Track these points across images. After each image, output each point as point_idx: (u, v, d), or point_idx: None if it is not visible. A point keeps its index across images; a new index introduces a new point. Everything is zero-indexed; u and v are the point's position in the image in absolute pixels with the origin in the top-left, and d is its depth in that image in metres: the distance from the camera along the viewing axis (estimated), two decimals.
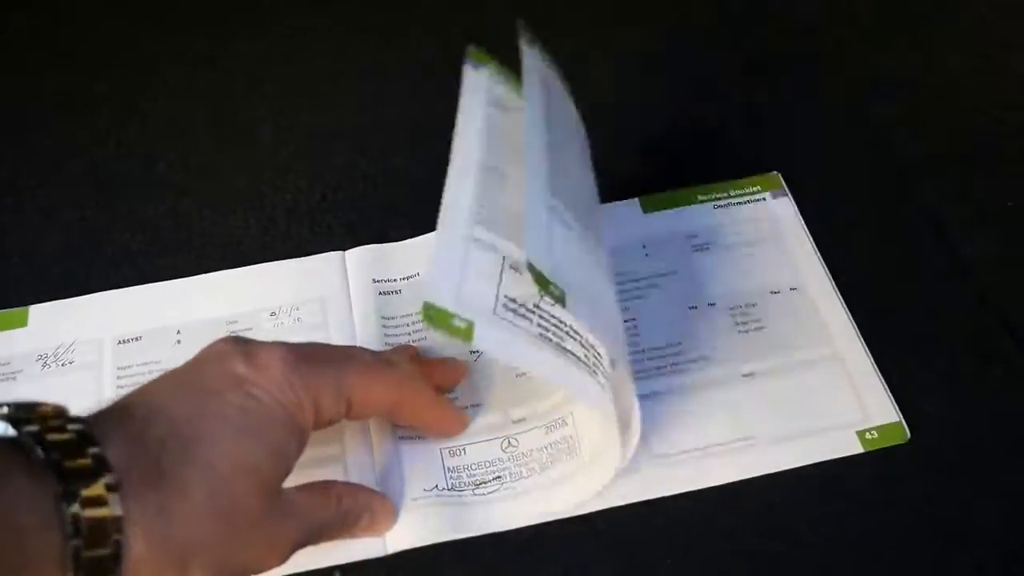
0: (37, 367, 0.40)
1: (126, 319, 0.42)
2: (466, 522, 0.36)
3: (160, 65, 0.53)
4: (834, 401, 0.39)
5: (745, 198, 0.46)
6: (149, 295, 0.43)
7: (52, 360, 0.41)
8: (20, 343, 0.41)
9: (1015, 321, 0.41)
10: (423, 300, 0.28)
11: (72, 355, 0.41)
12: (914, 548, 0.35)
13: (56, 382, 0.40)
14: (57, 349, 0.41)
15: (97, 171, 0.48)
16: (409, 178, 0.47)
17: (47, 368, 0.40)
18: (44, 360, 0.41)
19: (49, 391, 0.39)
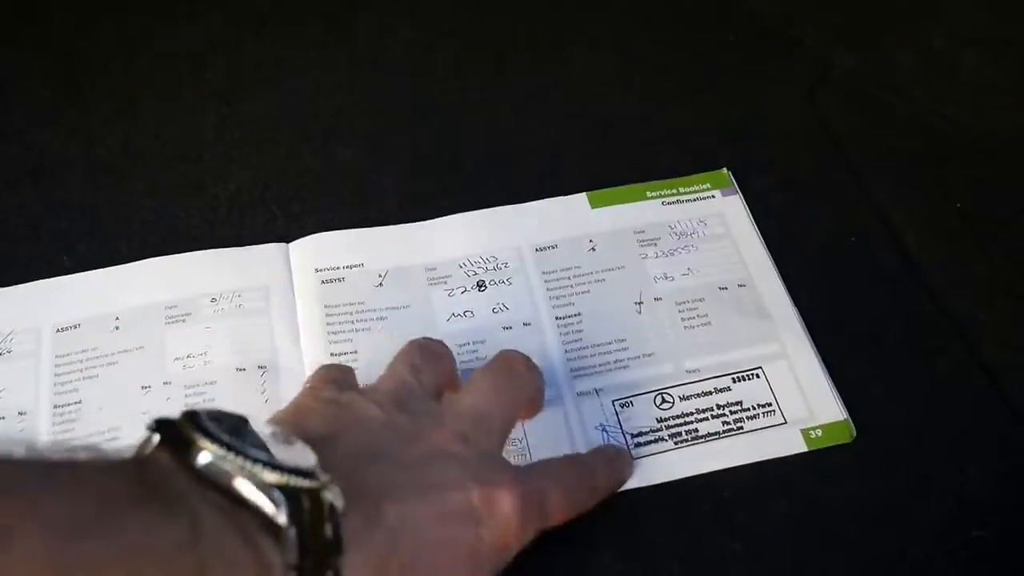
0: None
1: (64, 307, 0.41)
2: None
3: (102, 48, 0.52)
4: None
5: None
6: (88, 282, 0.42)
7: None
8: None
9: (961, 318, 0.41)
10: None
11: (10, 344, 0.40)
12: (856, 546, 0.35)
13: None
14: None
15: (35, 156, 0.47)
16: (353, 169, 0.47)
17: None
18: None
19: None
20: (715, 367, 0.39)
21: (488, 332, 0.40)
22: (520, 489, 0.30)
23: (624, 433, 0.37)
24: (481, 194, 0.45)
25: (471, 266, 0.42)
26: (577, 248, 0.43)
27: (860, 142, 0.48)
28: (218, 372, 0.39)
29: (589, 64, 0.52)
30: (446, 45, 0.53)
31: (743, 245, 0.43)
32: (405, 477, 0.29)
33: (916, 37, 0.53)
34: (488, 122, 0.49)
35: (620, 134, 0.48)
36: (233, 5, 0.54)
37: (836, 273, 0.43)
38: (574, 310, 0.41)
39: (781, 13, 0.54)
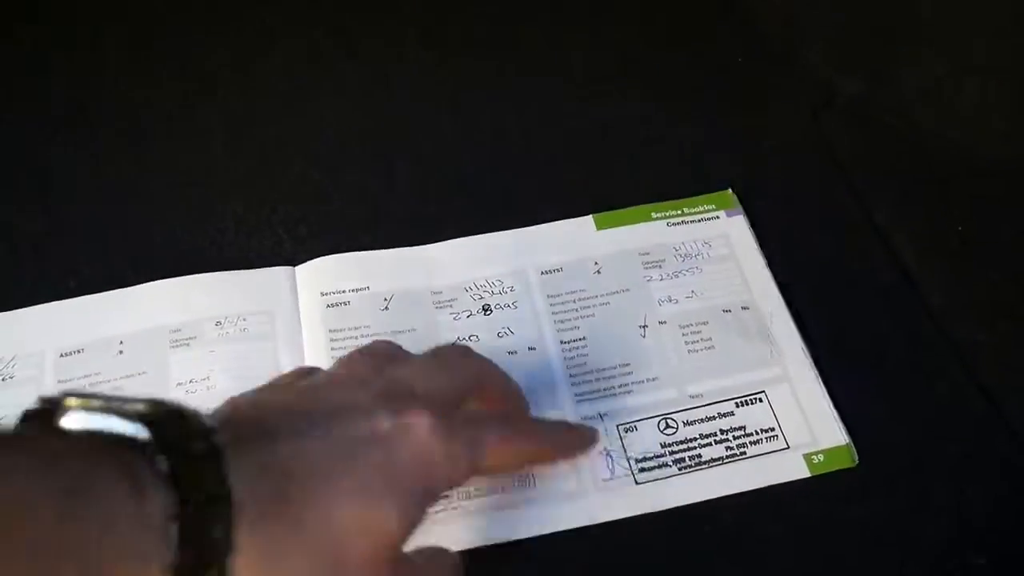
0: None
1: (68, 331, 0.40)
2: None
3: (110, 68, 0.52)
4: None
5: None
6: (92, 305, 0.41)
7: None
8: None
9: (961, 340, 0.41)
10: None
11: (13, 369, 0.39)
12: (859, 571, 0.35)
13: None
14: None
15: (44, 176, 0.47)
16: (362, 191, 0.46)
17: None
18: None
19: None
20: (718, 392, 0.39)
21: (493, 356, 0.39)
22: (436, 412, 0.29)
23: (628, 458, 0.37)
24: (488, 216, 0.44)
25: (477, 290, 0.42)
26: (582, 270, 0.43)
27: (863, 164, 0.48)
28: (220, 398, 0.37)
29: (595, 85, 0.52)
30: (454, 66, 0.52)
31: (747, 266, 0.43)
32: (307, 418, 0.28)
33: (919, 62, 0.53)
34: (495, 143, 0.49)
35: (627, 155, 0.48)
36: (242, 26, 0.54)
37: (838, 294, 0.43)
38: (579, 334, 0.41)
39: (787, 36, 0.54)
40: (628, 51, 0.54)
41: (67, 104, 0.50)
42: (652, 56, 0.53)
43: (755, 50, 0.54)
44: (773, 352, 0.40)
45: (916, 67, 0.52)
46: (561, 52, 0.53)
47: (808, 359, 0.40)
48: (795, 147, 0.49)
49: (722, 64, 0.53)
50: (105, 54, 0.52)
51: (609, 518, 0.36)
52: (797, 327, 0.41)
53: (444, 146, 0.48)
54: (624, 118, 0.50)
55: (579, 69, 0.52)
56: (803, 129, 0.50)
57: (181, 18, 0.54)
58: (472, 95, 0.51)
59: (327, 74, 0.52)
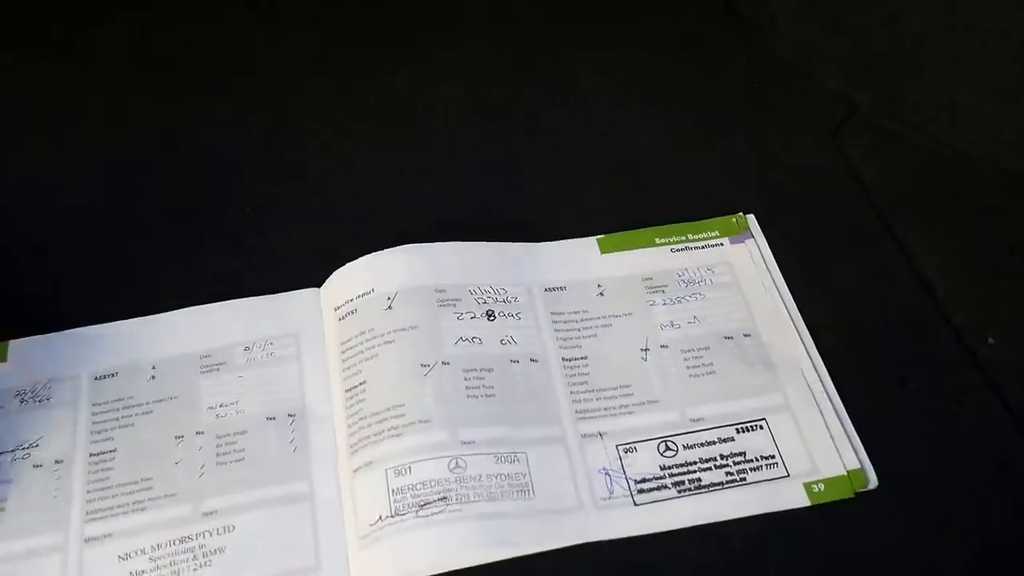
0: (15, 403, 0.41)
1: (103, 355, 0.42)
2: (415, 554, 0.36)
3: (145, 99, 0.54)
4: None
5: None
6: (126, 331, 0.43)
7: (30, 397, 0.41)
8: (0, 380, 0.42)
9: (987, 360, 0.41)
10: None
11: (49, 391, 0.41)
12: None
13: (32, 418, 0.40)
14: (35, 386, 0.41)
15: (83, 206, 0.49)
16: (392, 218, 0.47)
17: (24, 405, 0.41)
18: (22, 396, 0.41)
19: (24, 428, 0.40)
20: (719, 417, 0.40)
21: (496, 361, 0.41)
22: None
23: (627, 479, 0.38)
24: (499, 229, 0.45)
25: (480, 293, 0.43)
26: (585, 292, 0.44)
27: (884, 183, 0.48)
28: (249, 421, 0.40)
29: (614, 106, 0.52)
30: (477, 95, 0.54)
31: (750, 295, 0.43)
32: None
33: (939, 81, 0.52)
34: (517, 168, 0.50)
35: (642, 176, 0.49)
36: (274, 58, 0.56)
37: (860, 314, 0.43)
38: (581, 352, 0.42)
39: (805, 55, 0.54)
40: (645, 74, 0.54)
41: (101, 135, 0.52)
42: (668, 78, 0.54)
43: (773, 71, 0.54)
44: (774, 380, 0.40)
45: (935, 84, 0.52)
46: (576, 74, 0.54)
47: (810, 388, 0.40)
48: (814, 167, 0.49)
49: (739, 86, 0.53)
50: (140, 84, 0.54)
51: (606, 537, 0.37)
52: (808, 354, 0.41)
53: (471, 168, 0.50)
54: (640, 139, 0.50)
55: (594, 91, 0.53)
56: (823, 149, 0.49)
57: (213, 55, 0.56)
58: (496, 119, 0.52)
59: (356, 104, 0.53)
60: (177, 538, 0.37)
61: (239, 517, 0.37)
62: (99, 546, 0.37)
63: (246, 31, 0.57)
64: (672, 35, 0.56)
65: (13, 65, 0.56)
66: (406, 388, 0.39)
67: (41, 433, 0.40)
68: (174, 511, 0.37)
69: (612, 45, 0.56)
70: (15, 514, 0.37)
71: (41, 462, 0.39)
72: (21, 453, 0.39)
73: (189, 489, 0.38)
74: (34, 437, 0.40)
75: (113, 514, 0.37)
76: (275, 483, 0.38)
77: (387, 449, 0.38)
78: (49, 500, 0.38)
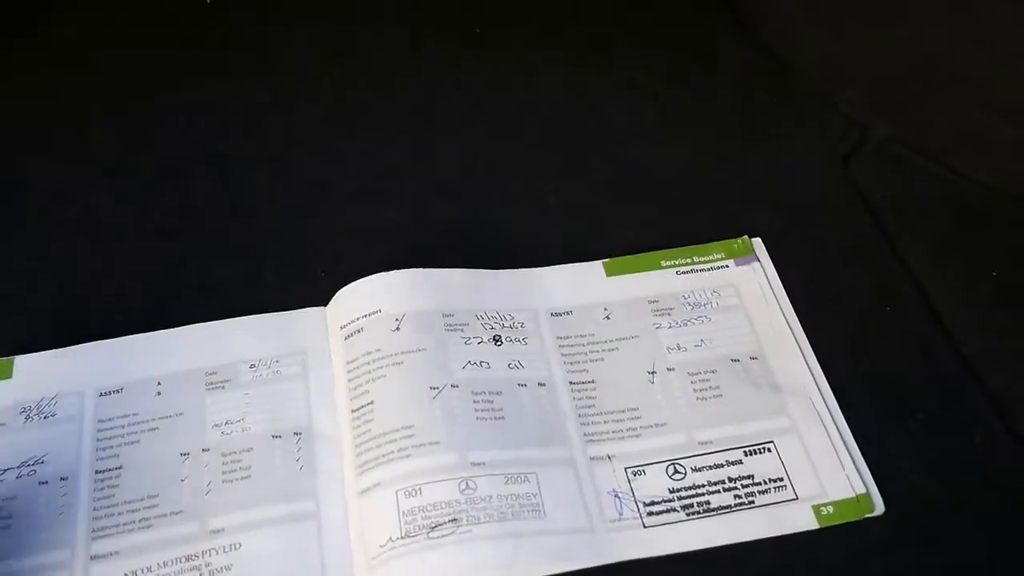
0: (20, 420, 0.40)
1: (108, 370, 0.42)
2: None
3: (155, 111, 0.53)
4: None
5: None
6: (132, 346, 0.43)
7: (35, 413, 0.41)
8: (4, 395, 0.41)
9: (997, 389, 0.40)
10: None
11: (55, 408, 0.41)
12: None
13: (37, 435, 0.40)
14: (40, 402, 0.41)
15: (91, 217, 0.48)
16: (399, 231, 0.47)
17: (30, 421, 0.40)
18: (27, 413, 0.41)
19: (30, 445, 0.39)
20: (727, 440, 0.39)
21: (504, 385, 0.41)
22: None
23: (636, 501, 0.38)
24: (521, 257, 0.45)
25: (488, 319, 0.43)
26: (591, 316, 0.43)
27: (895, 208, 0.47)
28: (255, 439, 0.40)
29: (628, 126, 0.52)
30: (490, 109, 0.54)
31: (756, 317, 0.43)
32: None
33: (952, 106, 0.52)
34: (528, 183, 0.50)
35: (655, 196, 0.49)
36: (284, 68, 0.56)
37: (869, 341, 0.42)
38: (588, 376, 0.41)
39: (819, 78, 0.54)
40: (657, 93, 0.54)
41: (113, 148, 0.51)
42: (681, 99, 0.54)
43: (787, 93, 0.54)
44: (781, 403, 0.40)
45: (949, 110, 0.52)
46: (587, 95, 0.54)
47: (819, 411, 0.40)
48: (826, 191, 0.49)
49: (752, 107, 0.53)
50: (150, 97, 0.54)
51: (616, 559, 0.36)
52: (814, 377, 0.41)
53: (482, 185, 0.50)
54: (652, 161, 0.50)
55: (606, 112, 0.53)
56: (833, 172, 0.49)
57: (222, 60, 0.56)
58: (509, 134, 0.52)
59: (366, 114, 0.53)
60: (184, 556, 0.36)
61: (245, 535, 0.37)
62: (106, 564, 0.36)
63: (258, 37, 0.58)
64: (686, 53, 0.56)
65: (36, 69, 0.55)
66: (415, 410, 0.39)
67: (47, 450, 0.39)
68: (180, 529, 0.37)
69: (623, 62, 0.56)
70: (21, 531, 0.37)
71: (47, 479, 0.38)
72: (26, 470, 0.38)
73: (195, 507, 0.37)
74: (39, 454, 0.39)
75: (119, 532, 0.37)
76: (281, 501, 0.38)
77: (397, 470, 0.37)
78: (55, 517, 0.37)
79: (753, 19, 0.57)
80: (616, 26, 0.58)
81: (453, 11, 0.59)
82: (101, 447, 0.39)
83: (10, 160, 0.51)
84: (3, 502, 0.37)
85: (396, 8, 0.59)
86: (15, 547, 0.36)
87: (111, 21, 0.58)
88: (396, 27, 0.58)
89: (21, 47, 0.56)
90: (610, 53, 0.56)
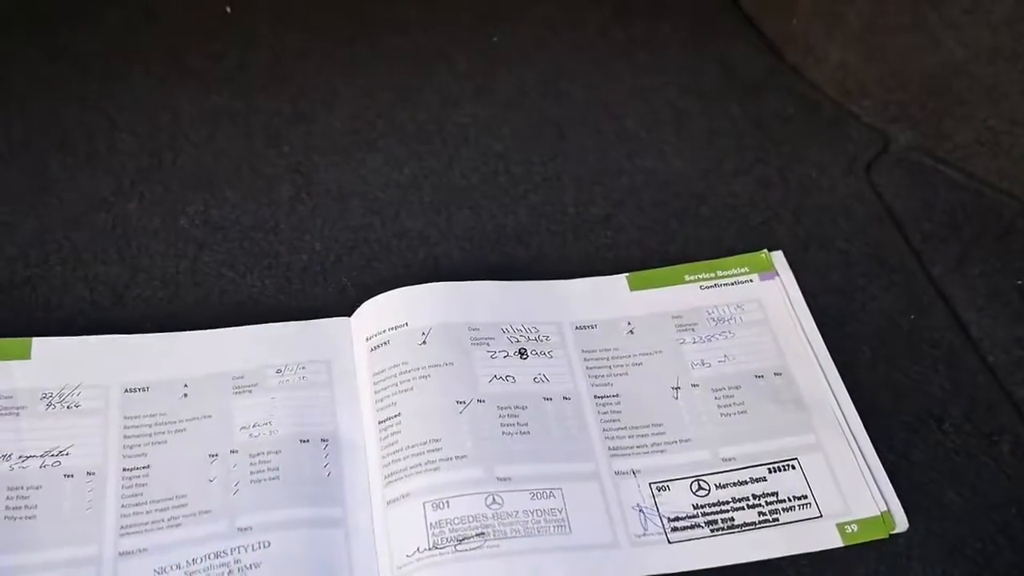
0: (41, 405, 0.39)
1: (134, 367, 0.41)
2: None
3: (182, 121, 0.53)
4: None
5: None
6: (157, 345, 0.42)
7: (57, 400, 0.40)
8: (23, 377, 0.40)
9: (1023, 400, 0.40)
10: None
11: (78, 398, 0.40)
12: None
13: (61, 424, 0.39)
14: (63, 390, 0.40)
15: (120, 225, 0.48)
16: (422, 240, 0.47)
17: (52, 408, 0.39)
18: (49, 399, 0.40)
19: (53, 433, 0.38)
20: (751, 456, 0.39)
21: (530, 399, 0.40)
22: None
23: (661, 516, 0.37)
24: (543, 267, 0.45)
25: (513, 332, 0.42)
26: (616, 330, 0.43)
27: (919, 218, 0.47)
28: (283, 442, 0.39)
29: (649, 137, 0.52)
30: (510, 117, 0.54)
31: (780, 332, 0.43)
32: None
33: (973, 116, 0.51)
34: (549, 194, 0.49)
35: (675, 207, 0.48)
36: (306, 78, 0.56)
37: (894, 352, 0.42)
38: (612, 391, 0.41)
39: (840, 88, 0.54)
40: (676, 104, 0.54)
41: (141, 157, 0.51)
42: (701, 109, 0.54)
43: (807, 103, 0.53)
44: (806, 420, 0.40)
45: (971, 119, 0.51)
46: (606, 105, 0.54)
47: (844, 428, 0.40)
48: (848, 201, 0.48)
49: (773, 117, 0.53)
50: (176, 107, 0.54)
51: (641, 575, 0.36)
52: (835, 393, 0.40)
53: (504, 193, 0.49)
54: (672, 171, 0.50)
55: (626, 122, 0.53)
56: (856, 182, 0.49)
57: (245, 72, 0.56)
58: (529, 145, 0.52)
59: (388, 123, 0.53)
60: (212, 552, 0.35)
61: (274, 534, 0.36)
62: (134, 560, 0.35)
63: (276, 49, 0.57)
64: (704, 63, 0.56)
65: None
66: (442, 423, 0.39)
67: (71, 441, 0.38)
68: (209, 527, 0.36)
69: (643, 73, 0.56)
70: (47, 523, 0.36)
71: (72, 472, 0.38)
72: (51, 460, 0.38)
73: (224, 505, 0.37)
74: (64, 445, 0.38)
75: (148, 529, 0.36)
76: (310, 504, 0.37)
77: (424, 482, 0.37)
78: (82, 512, 0.36)
79: (772, 29, 0.57)
80: (636, 37, 0.58)
81: (472, 20, 0.59)
82: (128, 444, 0.39)
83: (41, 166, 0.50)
84: (28, 490, 0.37)
85: (416, 17, 0.59)
86: (41, 538, 0.35)
87: (133, 30, 0.58)
88: (416, 36, 0.58)
89: (41, 57, 0.56)
90: (629, 63, 0.56)
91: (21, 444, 0.38)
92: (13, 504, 0.36)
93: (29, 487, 0.37)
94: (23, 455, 0.38)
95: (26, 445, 0.38)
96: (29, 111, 0.53)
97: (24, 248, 0.46)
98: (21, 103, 0.53)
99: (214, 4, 0.58)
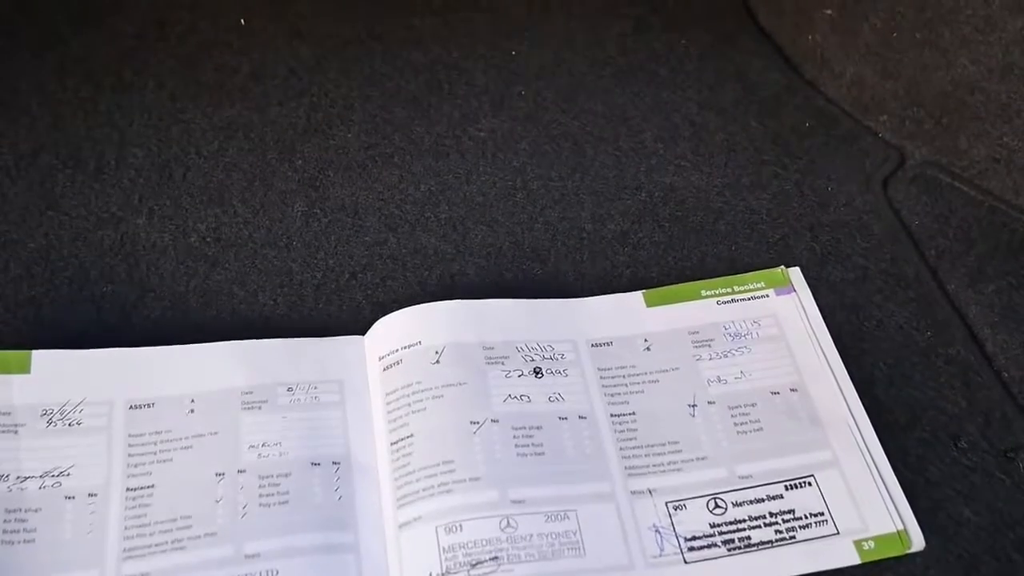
0: (42, 423, 0.37)
1: (139, 382, 0.39)
2: None
3: (193, 136, 0.52)
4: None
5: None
6: (163, 358, 0.40)
7: (58, 418, 0.38)
8: (22, 392, 0.38)
9: None
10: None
11: (80, 415, 0.38)
12: None
13: (62, 443, 0.37)
14: (64, 406, 0.38)
15: (128, 242, 0.47)
16: (437, 257, 0.46)
17: (52, 426, 0.37)
18: (49, 417, 0.38)
19: (54, 453, 0.37)
20: (767, 474, 0.38)
21: (545, 419, 0.39)
22: None
23: (677, 536, 0.36)
24: (560, 283, 0.44)
25: (528, 351, 0.41)
26: (632, 346, 0.42)
27: (935, 234, 0.46)
28: (293, 464, 0.37)
29: (667, 152, 0.51)
30: (528, 132, 0.52)
31: (796, 348, 0.42)
32: None
33: (988, 132, 0.50)
34: (566, 210, 0.48)
35: (691, 222, 0.47)
36: (320, 92, 0.55)
37: (910, 368, 0.41)
38: (629, 408, 0.40)
39: (857, 104, 0.53)
40: (693, 119, 0.53)
41: (151, 172, 0.50)
42: (717, 124, 0.53)
43: (824, 118, 0.53)
44: (822, 436, 0.39)
45: (986, 135, 0.50)
46: (624, 120, 0.53)
47: (861, 445, 0.38)
48: (865, 216, 0.47)
49: (790, 132, 0.52)
50: (187, 121, 0.53)
51: None
52: (852, 411, 0.39)
53: (520, 210, 0.48)
54: (689, 186, 0.49)
55: (643, 137, 0.52)
56: (874, 198, 0.48)
57: (258, 85, 0.55)
58: (546, 160, 0.51)
59: (404, 138, 0.52)
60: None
61: (283, 562, 0.34)
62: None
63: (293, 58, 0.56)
64: (721, 78, 0.55)
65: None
66: (456, 445, 0.37)
67: (72, 461, 0.37)
68: (215, 551, 0.35)
69: (660, 88, 0.55)
70: (47, 547, 0.34)
71: (73, 493, 0.36)
72: (51, 480, 0.36)
73: (230, 529, 0.35)
74: (65, 465, 0.36)
75: (151, 552, 0.35)
76: (320, 530, 0.36)
77: (437, 505, 0.36)
78: (83, 536, 0.35)
79: (789, 45, 0.57)
80: (654, 52, 0.57)
81: (490, 34, 0.58)
82: (132, 463, 0.37)
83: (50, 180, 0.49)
84: (26, 513, 0.35)
85: (433, 30, 0.58)
86: (40, 563, 0.34)
87: (144, 41, 0.57)
88: (434, 49, 0.57)
89: (49, 69, 0.55)
90: (648, 79, 0.55)
91: (19, 464, 0.36)
92: (11, 528, 0.35)
93: (28, 509, 0.35)
94: (21, 476, 0.36)
95: (25, 465, 0.36)
96: (36, 124, 0.51)
97: (29, 266, 0.45)
98: (28, 116, 0.52)
99: (227, 16, 0.57)
